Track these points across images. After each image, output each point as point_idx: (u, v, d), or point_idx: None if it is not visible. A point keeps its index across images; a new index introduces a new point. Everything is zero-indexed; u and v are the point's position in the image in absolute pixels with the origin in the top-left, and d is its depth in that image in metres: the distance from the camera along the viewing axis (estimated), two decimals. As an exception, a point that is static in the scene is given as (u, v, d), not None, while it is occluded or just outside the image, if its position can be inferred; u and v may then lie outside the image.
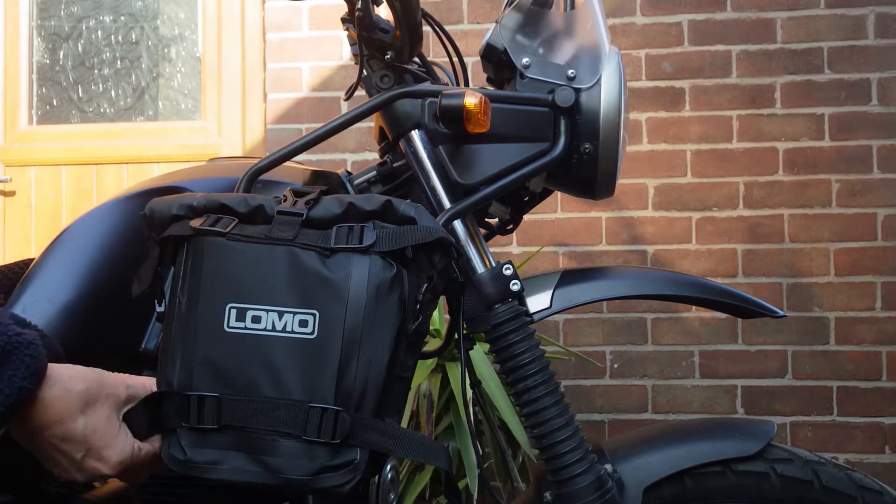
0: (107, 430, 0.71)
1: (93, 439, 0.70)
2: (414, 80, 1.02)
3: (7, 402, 0.63)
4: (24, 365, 0.64)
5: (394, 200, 0.80)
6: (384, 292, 0.75)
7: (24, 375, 0.64)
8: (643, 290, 1.00)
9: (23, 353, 0.64)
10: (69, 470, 0.71)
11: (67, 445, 0.69)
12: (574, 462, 0.91)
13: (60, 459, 0.70)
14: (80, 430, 0.69)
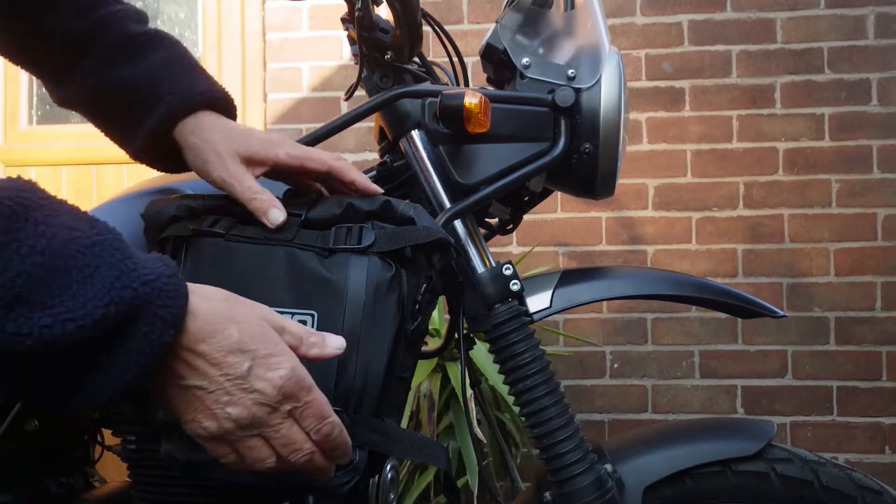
0: (265, 335, 0.61)
1: (253, 345, 0.59)
2: (414, 80, 1.02)
3: (149, 363, 0.54)
4: (158, 318, 0.55)
5: (393, 201, 0.80)
6: (383, 293, 0.75)
7: (163, 328, 0.55)
8: (643, 290, 1.00)
9: (160, 305, 0.55)
10: (235, 398, 0.59)
11: (228, 359, 0.58)
12: (574, 462, 0.91)
13: (224, 386, 0.58)
14: (237, 336, 0.59)
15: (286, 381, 0.60)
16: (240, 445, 0.61)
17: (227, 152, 0.80)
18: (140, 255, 0.56)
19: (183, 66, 0.85)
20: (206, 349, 0.58)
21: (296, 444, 0.62)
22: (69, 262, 0.52)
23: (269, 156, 0.81)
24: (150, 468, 0.86)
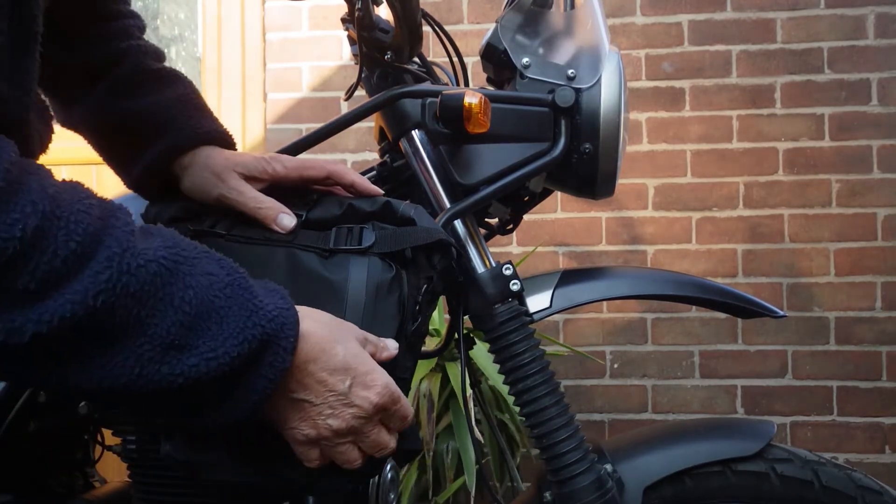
0: (362, 354, 0.68)
1: (355, 364, 0.67)
2: (414, 80, 1.02)
3: (272, 385, 0.62)
4: (281, 348, 0.62)
5: (393, 201, 0.80)
6: (383, 293, 0.75)
7: (284, 356, 0.62)
8: (643, 290, 1.00)
9: (282, 336, 0.62)
10: (337, 411, 0.66)
11: (334, 377, 0.66)
12: (574, 462, 0.91)
13: (328, 400, 0.66)
14: (342, 357, 0.66)
15: (381, 396, 0.68)
16: (332, 450, 0.69)
17: (224, 171, 0.83)
18: (260, 290, 0.63)
19: (193, 105, 0.88)
20: (314, 368, 0.65)
21: (382, 444, 0.70)
22: (209, 306, 0.59)
23: (266, 171, 0.83)
24: (150, 468, 0.87)
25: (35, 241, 0.51)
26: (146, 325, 0.56)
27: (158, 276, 0.57)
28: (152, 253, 0.58)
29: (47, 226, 0.52)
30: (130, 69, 0.88)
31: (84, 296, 0.53)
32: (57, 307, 0.52)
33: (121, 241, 0.56)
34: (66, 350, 0.55)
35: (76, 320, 0.53)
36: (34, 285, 0.52)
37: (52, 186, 0.55)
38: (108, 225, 0.56)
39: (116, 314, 0.55)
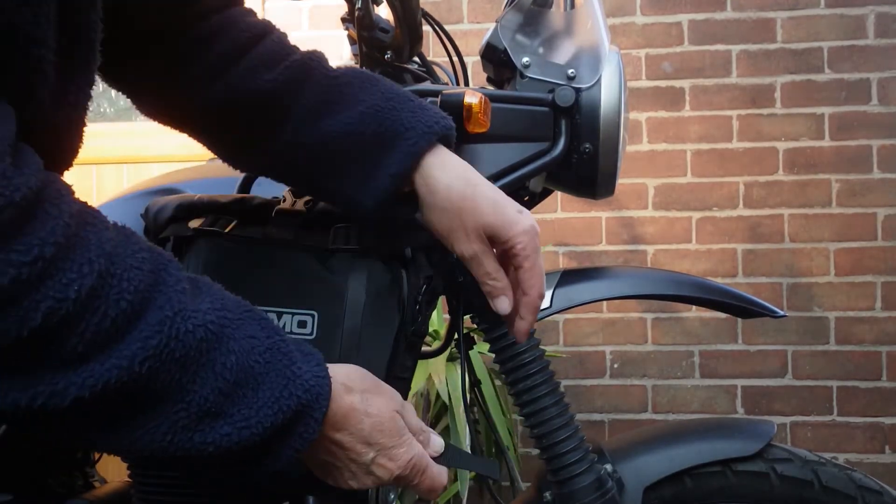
0: (393, 428, 0.65)
1: (380, 438, 0.64)
2: (414, 80, 1.02)
3: (298, 454, 0.60)
4: (313, 419, 0.60)
5: (393, 201, 0.79)
6: (383, 293, 0.75)
7: (315, 427, 0.60)
8: (643, 290, 1.00)
9: (316, 407, 0.60)
10: (357, 476, 0.65)
11: (358, 448, 0.64)
12: (574, 462, 0.91)
13: (348, 465, 0.65)
14: (368, 431, 0.64)
15: (403, 469, 0.66)
16: None
17: (473, 229, 0.72)
18: (298, 355, 0.60)
19: (403, 97, 0.77)
20: (339, 437, 0.63)
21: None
22: (248, 372, 0.57)
23: (508, 236, 0.72)
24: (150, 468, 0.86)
25: (88, 303, 0.49)
26: (185, 392, 0.54)
27: (205, 341, 0.55)
28: (201, 317, 0.55)
29: (101, 285, 0.50)
30: (315, 87, 0.78)
31: (131, 361, 0.51)
32: (103, 371, 0.50)
33: (172, 303, 0.53)
34: (100, 413, 0.52)
35: (119, 385, 0.51)
36: (82, 347, 0.49)
37: (109, 241, 0.52)
38: (159, 281, 0.54)
39: (158, 380, 0.53)
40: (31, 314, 0.47)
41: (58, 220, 0.48)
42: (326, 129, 0.75)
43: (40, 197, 0.48)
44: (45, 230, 0.47)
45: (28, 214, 0.47)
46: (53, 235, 0.48)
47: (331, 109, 0.76)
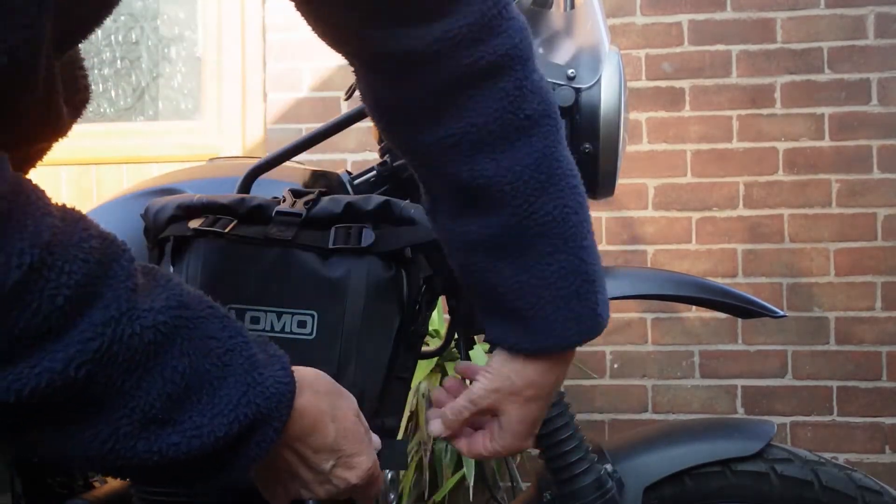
0: (356, 433, 0.62)
1: (344, 445, 0.61)
2: (414, 80, 1.02)
3: (254, 463, 0.55)
4: (272, 428, 0.55)
5: (392, 201, 0.80)
6: (383, 293, 0.75)
7: (274, 435, 0.55)
8: (643, 290, 1.00)
9: (275, 416, 0.55)
10: (311, 486, 0.61)
11: (318, 457, 0.60)
12: (574, 462, 0.91)
13: (304, 475, 0.61)
14: (333, 437, 0.60)
15: (360, 479, 0.62)
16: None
17: (489, 405, 0.73)
18: (261, 356, 0.56)
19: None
20: (300, 447, 0.59)
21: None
22: (203, 377, 0.52)
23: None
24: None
25: (15, 296, 0.43)
26: (128, 397, 0.48)
27: (154, 344, 0.49)
28: (151, 318, 0.49)
29: (32, 279, 0.43)
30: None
31: (65, 365, 0.45)
32: (32, 376, 0.44)
33: (120, 301, 0.47)
34: (28, 418, 0.47)
35: (50, 391, 0.45)
36: (5, 346, 0.44)
37: (49, 228, 0.45)
38: (108, 274, 0.47)
39: (97, 384, 0.47)
40: None
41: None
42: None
43: None
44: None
45: None
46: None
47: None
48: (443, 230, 0.70)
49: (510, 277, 0.67)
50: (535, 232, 0.66)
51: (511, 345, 0.70)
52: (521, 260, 0.67)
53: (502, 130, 0.63)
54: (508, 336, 0.70)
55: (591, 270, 0.69)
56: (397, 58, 0.62)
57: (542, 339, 0.70)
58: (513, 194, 0.64)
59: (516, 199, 0.64)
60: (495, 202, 0.65)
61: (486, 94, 0.62)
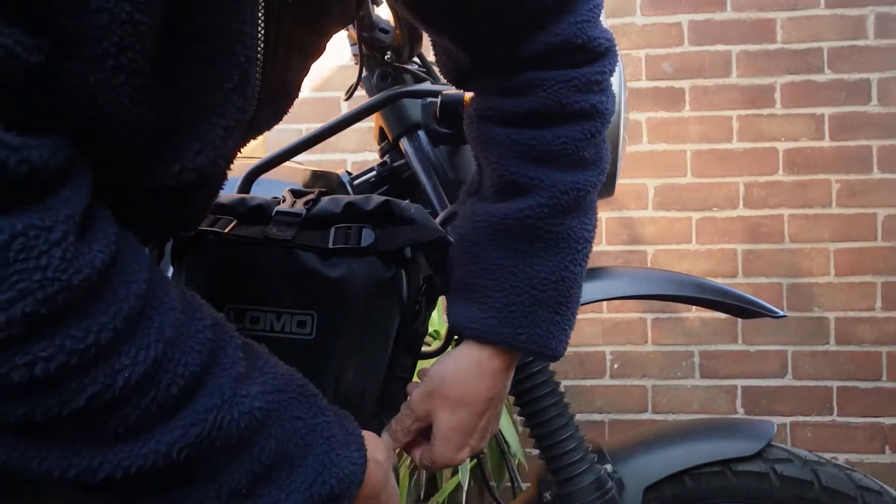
0: (395, 491, 0.66)
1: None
2: (414, 80, 1.02)
3: None
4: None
5: (392, 201, 0.79)
6: (382, 293, 0.75)
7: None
8: (643, 290, 1.00)
9: (347, 496, 0.58)
10: None
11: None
12: (574, 462, 0.91)
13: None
14: (384, 501, 0.64)
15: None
16: None
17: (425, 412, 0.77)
18: (339, 437, 0.58)
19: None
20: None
21: None
22: (285, 456, 0.55)
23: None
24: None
25: (137, 388, 0.46)
26: (217, 475, 0.52)
27: (248, 429, 0.52)
28: (248, 403, 0.52)
29: (155, 371, 0.47)
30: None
31: (170, 447, 0.48)
32: (140, 455, 0.47)
33: (223, 389, 0.51)
34: (126, 490, 0.50)
35: (153, 470, 0.48)
36: (123, 429, 0.47)
37: (171, 325, 0.48)
38: (215, 363, 0.51)
39: (193, 465, 0.50)
40: (74, 397, 0.45)
41: (122, 304, 0.46)
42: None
43: (109, 273, 0.45)
44: (107, 315, 0.45)
45: (90, 296, 0.44)
46: (114, 321, 0.45)
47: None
48: (467, 207, 0.77)
49: (494, 259, 0.73)
50: (542, 235, 0.72)
51: (465, 326, 0.74)
52: (515, 250, 0.72)
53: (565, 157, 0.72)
54: (469, 317, 0.74)
55: (564, 294, 0.74)
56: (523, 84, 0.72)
57: (495, 325, 0.73)
58: (543, 199, 0.72)
59: (543, 205, 0.71)
60: (524, 197, 0.72)
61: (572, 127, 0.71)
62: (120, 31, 0.43)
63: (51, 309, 0.42)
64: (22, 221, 0.41)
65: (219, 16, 0.48)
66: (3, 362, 0.42)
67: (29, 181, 0.42)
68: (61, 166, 0.43)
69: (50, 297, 0.42)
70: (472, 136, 0.77)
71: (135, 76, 0.45)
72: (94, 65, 0.44)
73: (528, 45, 0.70)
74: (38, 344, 0.43)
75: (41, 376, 0.43)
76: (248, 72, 0.52)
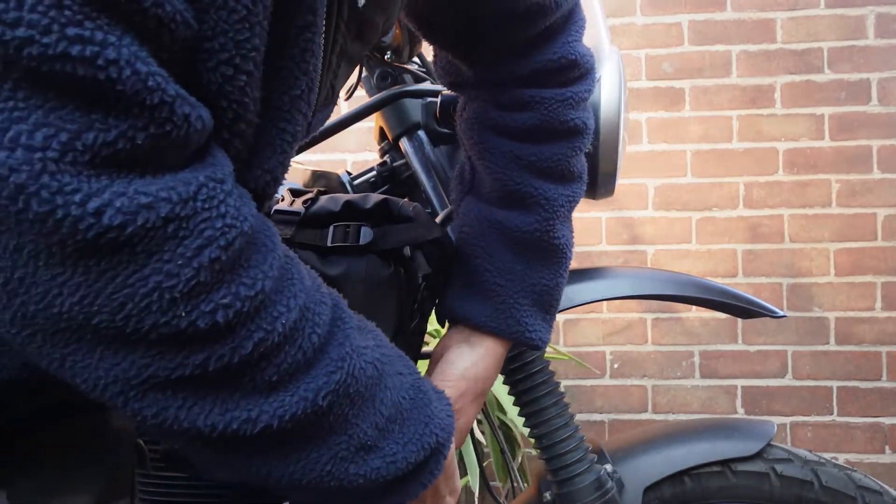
0: (453, 460, 0.70)
1: (451, 471, 0.69)
2: (414, 80, 1.02)
3: (420, 491, 0.62)
4: (442, 456, 0.62)
5: (391, 199, 0.80)
6: (381, 291, 0.75)
7: (442, 462, 0.62)
8: (643, 290, 1.00)
9: (446, 446, 0.62)
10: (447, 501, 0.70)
11: (442, 483, 0.68)
12: (574, 462, 0.91)
13: (444, 490, 0.69)
14: (450, 461, 0.68)
15: (456, 498, 0.71)
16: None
17: None
18: (432, 392, 0.63)
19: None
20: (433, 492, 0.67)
21: None
22: (398, 408, 0.59)
23: None
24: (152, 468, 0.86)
25: (291, 335, 0.50)
26: (349, 425, 0.55)
27: (373, 378, 0.56)
28: (370, 354, 0.56)
29: (302, 318, 0.50)
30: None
31: (316, 394, 0.51)
32: (292, 402, 0.50)
33: (350, 340, 0.55)
34: (279, 442, 0.52)
35: (302, 417, 0.51)
36: (276, 377, 0.50)
37: (307, 276, 0.53)
38: (337, 317, 0.55)
39: (332, 413, 0.53)
40: (244, 343, 0.47)
41: (275, 253, 0.49)
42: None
43: (258, 227, 0.48)
44: (267, 263, 0.48)
45: (253, 245, 0.47)
46: (272, 269, 0.48)
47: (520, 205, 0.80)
48: (470, 206, 0.82)
49: (510, 262, 0.79)
50: (547, 246, 0.80)
51: (483, 323, 0.79)
52: (526, 257, 0.79)
53: (560, 171, 0.79)
54: (485, 315, 0.79)
55: (556, 298, 0.83)
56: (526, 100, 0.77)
57: (512, 325, 0.79)
58: (548, 213, 0.80)
59: (549, 219, 0.79)
60: (532, 211, 0.79)
61: (564, 143, 0.78)
62: (215, 15, 0.45)
63: (230, 255, 0.45)
64: (202, 173, 0.44)
65: (292, 25, 0.51)
66: (191, 309, 0.44)
67: (199, 137, 0.44)
68: (212, 132, 0.46)
69: (230, 242, 0.45)
70: (470, 142, 0.81)
71: (227, 66, 0.47)
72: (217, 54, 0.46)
73: (528, 63, 0.75)
74: (218, 291, 0.45)
75: (221, 322, 0.45)
76: (314, 79, 0.54)
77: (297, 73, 0.52)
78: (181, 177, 0.43)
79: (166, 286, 0.43)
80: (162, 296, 0.43)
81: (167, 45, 0.42)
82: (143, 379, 0.46)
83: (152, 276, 0.43)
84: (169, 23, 0.41)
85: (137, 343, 0.44)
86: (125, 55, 0.39)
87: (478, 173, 0.81)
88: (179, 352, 0.45)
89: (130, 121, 0.40)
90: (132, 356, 0.45)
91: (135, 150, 0.41)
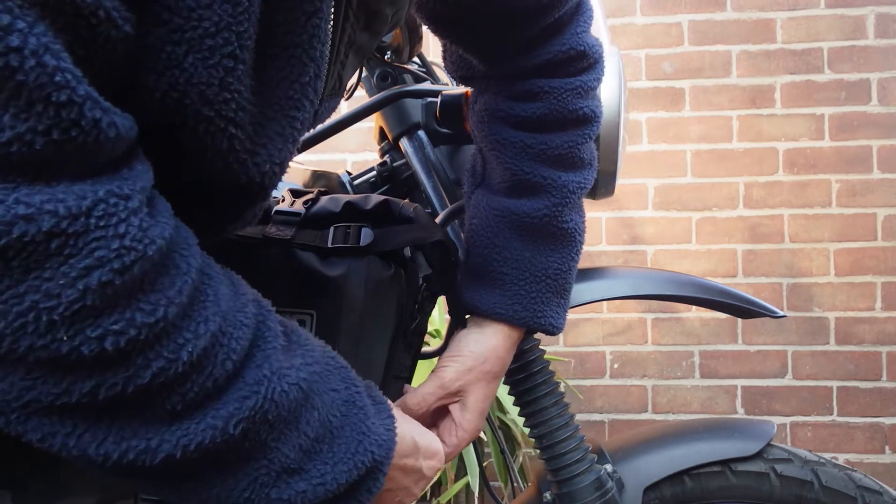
0: (419, 426, 0.68)
1: (420, 440, 0.66)
2: (414, 80, 1.02)
3: (369, 500, 0.59)
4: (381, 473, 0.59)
5: (392, 200, 0.80)
6: (382, 292, 0.75)
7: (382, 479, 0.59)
8: (643, 290, 1.00)
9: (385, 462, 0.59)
10: (412, 489, 0.67)
11: (408, 460, 0.65)
12: (574, 462, 0.91)
13: (405, 483, 0.66)
14: (411, 440, 0.66)
15: (441, 461, 0.69)
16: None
17: (449, 392, 0.80)
18: (370, 408, 0.60)
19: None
20: (395, 464, 0.62)
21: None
22: (327, 427, 0.55)
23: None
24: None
25: (199, 363, 0.46)
26: (269, 450, 0.52)
27: (295, 401, 0.52)
28: (294, 375, 0.53)
29: (213, 345, 0.47)
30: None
31: (226, 422, 0.48)
32: (198, 431, 0.47)
33: (271, 361, 0.51)
34: (185, 470, 0.49)
35: (211, 447, 0.48)
36: (181, 406, 0.47)
37: (224, 297, 0.49)
38: (260, 336, 0.51)
39: (247, 440, 0.50)
40: (140, 372, 0.44)
41: (186, 277, 0.46)
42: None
43: (171, 247, 0.45)
44: (175, 288, 0.45)
45: (159, 268, 0.44)
46: (179, 296, 0.45)
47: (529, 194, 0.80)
48: (480, 199, 0.83)
49: (517, 251, 0.80)
50: (556, 231, 0.80)
51: (491, 311, 0.80)
52: (534, 243, 0.80)
53: (570, 159, 0.80)
54: (492, 302, 0.80)
55: (569, 282, 0.83)
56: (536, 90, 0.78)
57: (520, 310, 0.80)
58: (557, 199, 0.79)
59: (558, 204, 0.79)
60: (541, 197, 0.79)
61: (575, 131, 0.79)
62: (220, 10, 0.44)
63: (126, 279, 0.41)
64: (103, 187, 0.41)
65: (300, 11, 0.50)
66: (74, 334, 0.41)
67: (112, 147, 0.41)
68: (134, 141, 0.43)
69: (126, 266, 0.41)
70: (482, 134, 0.82)
71: (229, 59, 0.46)
72: (192, 45, 0.44)
73: (538, 55, 0.76)
74: (109, 316, 0.42)
75: (111, 350, 0.42)
76: (321, 66, 0.53)
77: (305, 59, 0.51)
78: (77, 189, 0.40)
79: (44, 307, 0.40)
80: (39, 317, 0.40)
81: (86, 40, 0.39)
82: (24, 402, 0.43)
83: (28, 293, 0.39)
84: (89, 15, 0.38)
85: (16, 364, 0.42)
86: (32, 44, 0.36)
87: (489, 165, 0.83)
88: (63, 378, 0.42)
89: (31, 121, 0.37)
90: (11, 377, 0.42)
91: (31, 154, 0.37)
